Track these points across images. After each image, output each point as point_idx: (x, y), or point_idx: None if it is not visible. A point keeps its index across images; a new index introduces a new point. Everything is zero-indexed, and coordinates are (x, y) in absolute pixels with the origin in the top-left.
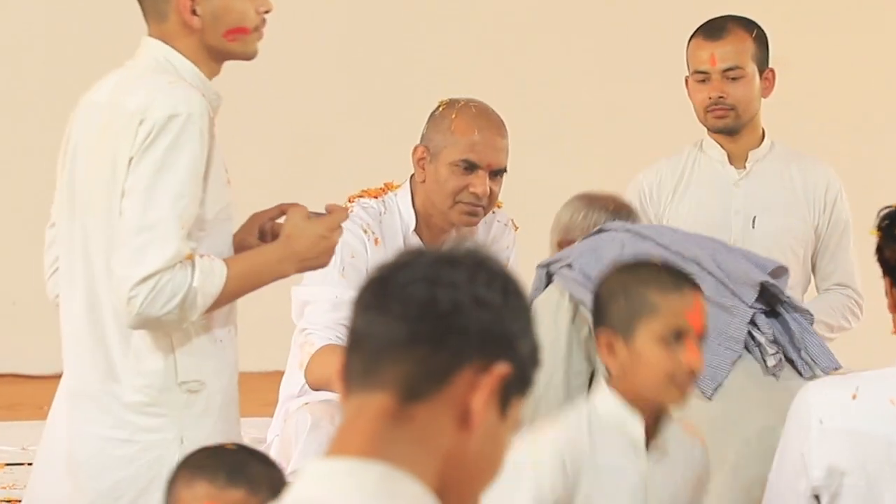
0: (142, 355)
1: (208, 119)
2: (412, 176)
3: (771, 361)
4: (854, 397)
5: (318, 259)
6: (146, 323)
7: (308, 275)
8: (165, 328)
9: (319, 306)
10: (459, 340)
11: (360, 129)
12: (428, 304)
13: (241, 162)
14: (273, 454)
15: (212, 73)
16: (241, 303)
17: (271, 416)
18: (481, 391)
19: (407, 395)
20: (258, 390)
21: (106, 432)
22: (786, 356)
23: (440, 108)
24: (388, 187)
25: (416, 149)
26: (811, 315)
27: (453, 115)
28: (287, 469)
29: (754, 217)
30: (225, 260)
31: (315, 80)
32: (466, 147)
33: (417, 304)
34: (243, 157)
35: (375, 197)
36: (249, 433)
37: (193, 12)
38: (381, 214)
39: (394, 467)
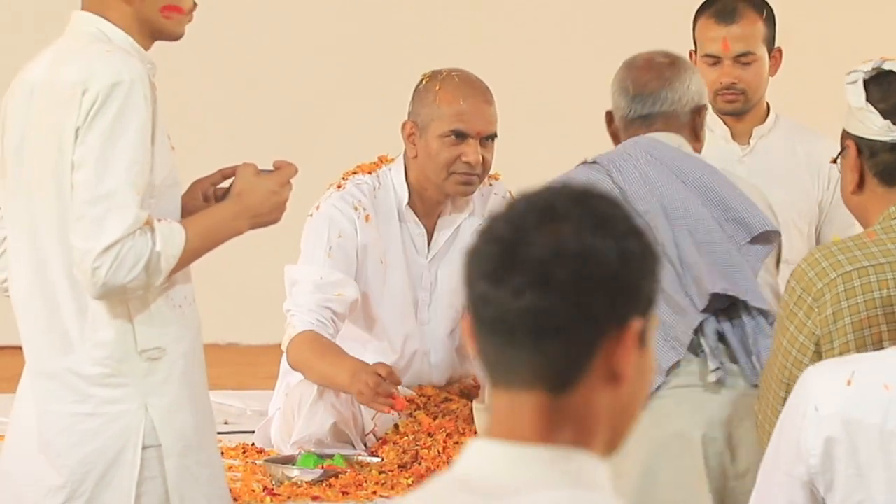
0: (99, 327)
1: (148, 84)
2: (408, 154)
3: (711, 378)
4: (849, 383)
5: (270, 214)
6: (112, 292)
7: (302, 251)
8: (130, 295)
9: (304, 287)
10: (595, 316)
11: (355, 102)
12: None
13: (237, 137)
14: (274, 427)
15: (144, 48)
16: (241, 277)
17: (273, 389)
18: (625, 354)
19: (557, 385)
20: (259, 364)
21: (70, 408)
22: (734, 360)
23: (423, 82)
24: (382, 161)
25: (404, 125)
26: (772, 316)
27: (437, 87)
28: (290, 441)
29: None
30: (181, 222)
31: (310, 53)
32: (454, 117)
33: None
34: (240, 133)
35: (369, 172)
36: (251, 406)
37: None
38: (375, 189)
39: (586, 452)
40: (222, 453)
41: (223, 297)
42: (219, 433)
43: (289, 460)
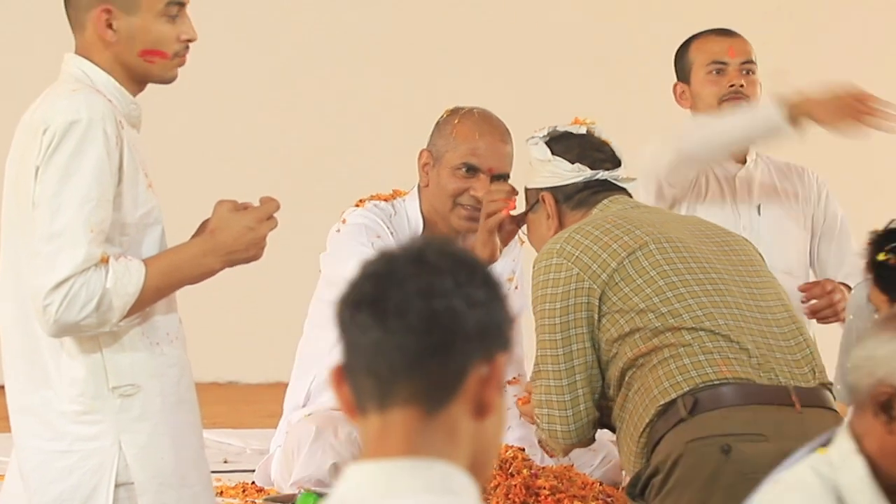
0: (73, 364)
1: (113, 123)
2: (420, 182)
3: None
4: None
5: (246, 251)
6: (65, 330)
7: (335, 257)
8: (85, 333)
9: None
10: (464, 345)
11: (366, 139)
12: (429, 318)
13: (247, 174)
14: (275, 465)
15: (132, 91)
16: (241, 315)
17: (274, 427)
18: (492, 384)
19: (429, 406)
20: (260, 402)
21: (46, 445)
22: None
23: (444, 115)
24: (396, 194)
25: (421, 153)
26: None
27: (456, 121)
28: (290, 480)
29: (759, 205)
30: (145, 259)
31: (322, 90)
32: (467, 151)
33: (419, 320)
34: (250, 170)
35: (385, 200)
36: (251, 445)
37: (109, 26)
38: (391, 217)
39: (448, 463)
40: (221, 492)
41: (223, 336)
42: (219, 472)
43: (288, 499)
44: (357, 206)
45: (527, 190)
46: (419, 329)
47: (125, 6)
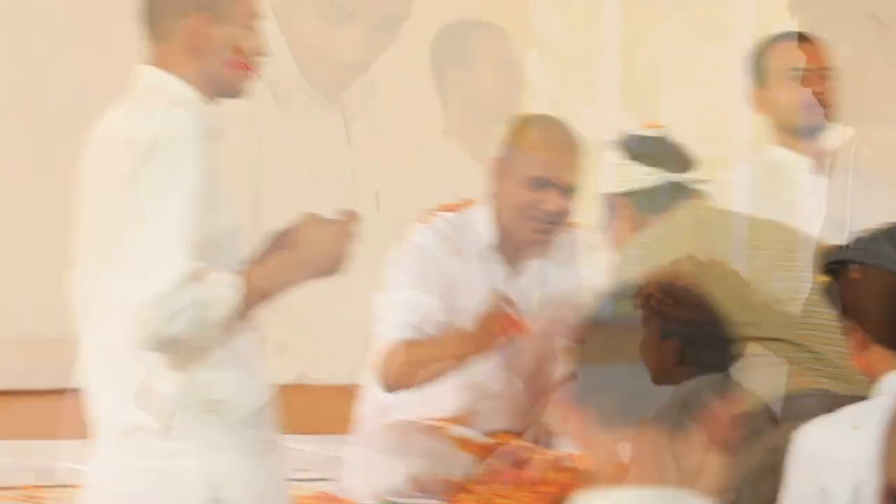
0: (158, 379)
1: (202, 136)
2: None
3: None
4: (855, 428)
5: (335, 265)
6: (162, 344)
7: (390, 278)
8: (181, 347)
9: (394, 310)
10: (702, 377)
11: (430, 145)
12: (673, 349)
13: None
14: (352, 475)
15: (210, 104)
16: (310, 312)
17: (343, 432)
18: (729, 420)
19: (670, 432)
20: (329, 404)
21: (133, 462)
22: None
23: (517, 124)
24: (466, 203)
25: (490, 162)
26: None
27: (528, 131)
28: (367, 490)
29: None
30: (239, 272)
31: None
32: (538, 164)
33: (661, 350)
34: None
35: (453, 211)
36: (325, 451)
37: (203, 35)
38: (459, 229)
39: (694, 493)
40: (298, 502)
41: (291, 334)
42: (293, 480)
43: None
44: (424, 221)
45: (602, 195)
46: (660, 358)
47: (219, 15)
